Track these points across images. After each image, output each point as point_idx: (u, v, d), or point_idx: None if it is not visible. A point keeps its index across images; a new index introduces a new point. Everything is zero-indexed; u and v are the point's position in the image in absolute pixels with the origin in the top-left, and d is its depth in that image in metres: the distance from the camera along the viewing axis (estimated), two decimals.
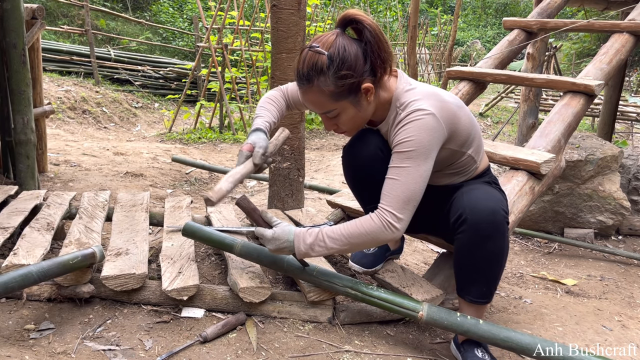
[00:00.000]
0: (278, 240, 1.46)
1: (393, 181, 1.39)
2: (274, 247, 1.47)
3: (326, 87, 1.37)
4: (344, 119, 1.46)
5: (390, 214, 1.38)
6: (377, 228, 1.38)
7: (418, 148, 1.37)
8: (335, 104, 1.41)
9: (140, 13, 13.45)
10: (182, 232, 1.73)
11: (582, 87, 2.40)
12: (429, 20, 15.67)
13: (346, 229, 1.42)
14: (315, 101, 1.42)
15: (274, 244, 1.47)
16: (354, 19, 1.38)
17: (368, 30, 1.36)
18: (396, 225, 1.38)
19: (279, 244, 1.46)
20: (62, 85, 6.81)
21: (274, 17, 2.13)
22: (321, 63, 1.34)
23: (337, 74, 1.35)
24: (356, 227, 1.40)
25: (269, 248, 1.48)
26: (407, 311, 1.49)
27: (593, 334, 1.88)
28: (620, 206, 3.39)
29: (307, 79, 1.37)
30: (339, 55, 1.34)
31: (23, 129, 2.61)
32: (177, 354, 1.41)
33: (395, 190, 1.38)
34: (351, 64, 1.35)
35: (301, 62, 1.38)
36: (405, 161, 1.38)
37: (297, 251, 1.46)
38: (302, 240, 1.45)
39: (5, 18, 2.49)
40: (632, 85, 14.45)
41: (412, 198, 1.38)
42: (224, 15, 6.14)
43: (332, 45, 1.35)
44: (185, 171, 4.10)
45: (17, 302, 1.57)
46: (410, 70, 5.60)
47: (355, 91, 1.39)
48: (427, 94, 1.45)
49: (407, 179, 1.37)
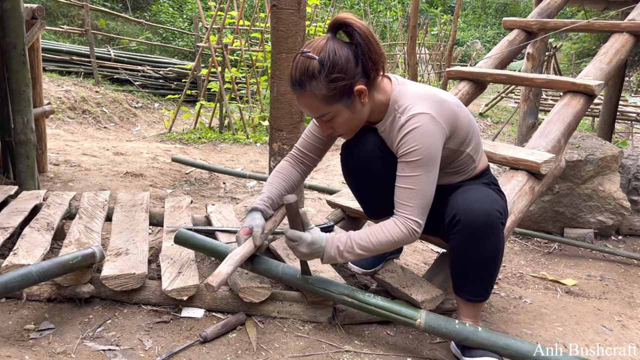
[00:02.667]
0: (314, 245, 1.42)
1: (409, 190, 1.42)
2: (309, 251, 1.42)
3: (318, 91, 1.38)
4: (340, 122, 1.46)
5: (414, 222, 1.42)
6: (403, 235, 1.42)
7: (426, 156, 1.40)
8: (329, 108, 1.42)
9: (140, 13, 13.45)
10: (175, 241, 1.67)
11: (582, 87, 2.40)
12: (429, 20, 15.66)
13: (374, 236, 1.43)
14: (309, 106, 1.43)
15: (310, 248, 1.42)
16: (343, 22, 1.39)
17: (358, 33, 1.37)
18: (418, 230, 1.44)
19: (314, 248, 1.43)
20: (62, 85, 6.81)
21: (274, 17, 2.13)
22: (312, 68, 1.36)
23: (328, 78, 1.36)
24: (384, 235, 1.43)
25: (301, 251, 1.43)
26: (404, 319, 1.49)
27: (593, 334, 1.89)
28: (620, 206, 3.39)
29: (299, 84, 1.39)
30: (330, 59, 1.35)
31: (23, 129, 2.61)
32: (177, 354, 1.41)
33: (413, 200, 1.42)
34: (342, 67, 1.36)
35: (294, 67, 1.40)
36: (417, 170, 1.41)
37: (326, 256, 1.44)
38: (333, 247, 1.44)
39: (5, 18, 2.49)
40: (632, 85, 14.46)
41: (428, 203, 1.45)
42: (223, 15, 6.14)
43: (323, 49, 1.36)
44: (185, 171, 4.10)
45: (17, 302, 1.57)
46: (410, 70, 5.60)
47: (348, 94, 1.40)
48: (425, 95, 1.46)
49: (422, 186, 1.42)
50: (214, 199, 3.45)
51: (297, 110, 2.22)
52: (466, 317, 1.57)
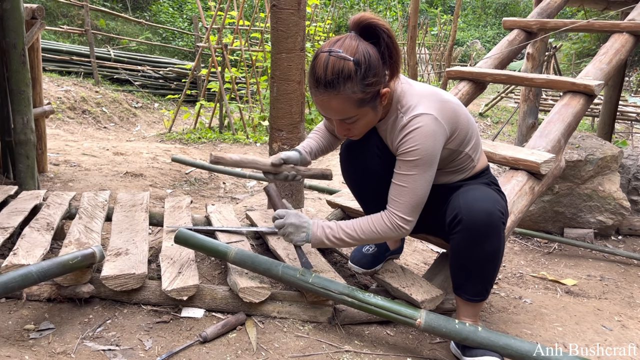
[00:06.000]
0: (301, 218, 1.53)
1: (401, 188, 1.44)
2: (298, 222, 1.52)
3: (353, 94, 1.33)
4: (361, 124, 1.44)
5: (399, 218, 1.45)
6: (387, 229, 1.46)
7: (424, 157, 1.40)
8: (358, 110, 1.39)
9: (140, 13, 13.45)
10: (175, 240, 1.66)
11: (582, 87, 2.40)
12: (429, 20, 15.67)
13: (359, 225, 1.49)
14: (338, 108, 1.37)
15: (298, 220, 1.53)
16: (369, 23, 1.35)
17: (386, 35, 1.35)
18: (405, 227, 1.46)
19: (302, 221, 1.52)
20: (61, 85, 6.81)
21: (274, 17, 2.13)
22: (348, 69, 1.31)
23: (365, 81, 1.33)
24: (369, 225, 1.48)
25: (290, 223, 1.53)
26: (404, 319, 1.49)
27: (593, 334, 1.89)
28: (620, 206, 3.39)
29: (331, 86, 1.32)
30: (366, 61, 1.31)
31: (23, 129, 2.61)
32: (177, 354, 1.41)
33: (404, 197, 1.44)
34: (377, 71, 1.34)
35: (322, 67, 1.33)
36: (412, 169, 1.42)
37: (312, 237, 1.53)
38: (319, 227, 1.52)
39: (5, 18, 2.49)
40: (632, 85, 14.46)
41: (419, 202, 1.46)
42: (223, 15, 6.14)
43: (357, 50, 1.32)
44: (185, 171, 4.11)
45: (17, 302, 1.57)
46: (410, 70, 5.61)
47: (376, 97, 1.39)
48: (427, 95, 1.46)
49: (414, 185, 1.43)
50: (214, 199, 3.45)
51: (297, 110, 2.22)
52: (466, 316, 1.57)
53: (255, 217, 2.15)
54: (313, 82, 1.37)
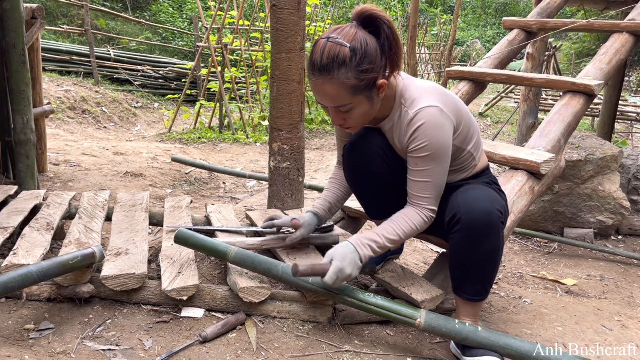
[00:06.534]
0: (345, 259, 1.43)
1: (425, 183, 1.47)
2: (343, 264, 1.42)
3: (347, 80, 1.35)
4: (356, 114, 1.44)
5: (431, 210, 1.51)
6: (424, 223, 1.51)
7: (438, 149, 1.43)
8: (352, 98, 1.39)
9: (140, 13, 13.45)
10: (175, 240, 1.66)
11: (582, 87, 2.40)
12: (429, 20, 15.67)
13: (400, 227, 1.49)
14: (332, 93, 1.38)
15: (341, 261, 1.42)
16: (370, 15, 1.37)
17: (387, 27, 1.36)
18: (434, 216, 1.53)
19: (349, 259, 1.43)
20: (61, 85, 6.81)
21: (274, 17, 2.13)
22: (344, 55, 1.33)
23: (359, 67, 1.34)
24: (409, 225, 1.50)
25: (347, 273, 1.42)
26: (405, 319, 1.49)
27: (593, 334, 1.88)
28: (620, 206, 3.39)
29: (326, 70, 1.34)
30: (362, 48, 1.33)
31: (23, 129, 2.61)
32: (177, 354, 1.41)
33: (430, 191, 1.49)
34: (372, 59, 1.35)
35: (319, 52, 1.35)
36: (430, 163, 1.44)
37: (364, 260, 1.46)
38: (361, 246, 1.46)
39: (5, 18, 2.49)
40: (632, 85, 14.46)
41: (442, 190, 1.53)
42: (223, 15, 6.14)
43: (354, 38, 1.34)
44: (185, 171, 4.10)
45: (17, 302, 1.57)
46: (410, 70, 5.61)
47: (372, 87, 1.39)
48: (429, 88, 1.48)
49: (436, 178, 1.47)
50: (214, 199, 3.45)
51: (297, 110, 2.22)
52: (465, 316, 1.57)
53: (255, 217, 2.15)
54: (310, 66, 1.40)
